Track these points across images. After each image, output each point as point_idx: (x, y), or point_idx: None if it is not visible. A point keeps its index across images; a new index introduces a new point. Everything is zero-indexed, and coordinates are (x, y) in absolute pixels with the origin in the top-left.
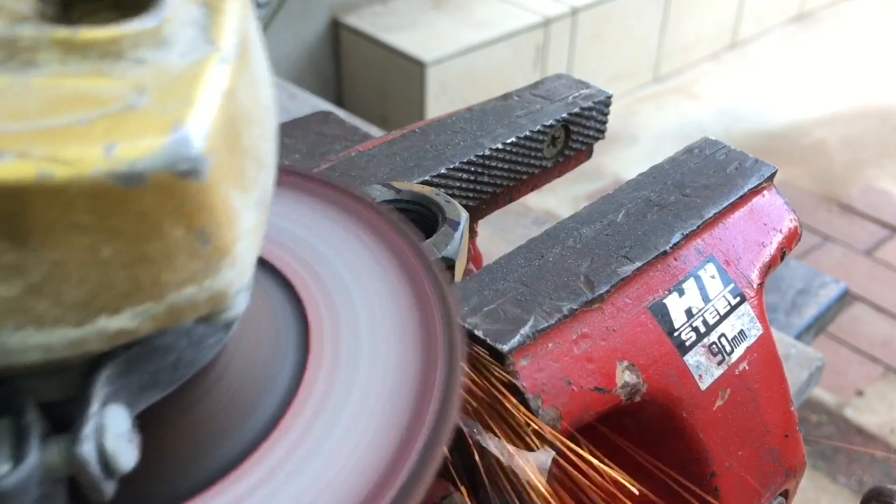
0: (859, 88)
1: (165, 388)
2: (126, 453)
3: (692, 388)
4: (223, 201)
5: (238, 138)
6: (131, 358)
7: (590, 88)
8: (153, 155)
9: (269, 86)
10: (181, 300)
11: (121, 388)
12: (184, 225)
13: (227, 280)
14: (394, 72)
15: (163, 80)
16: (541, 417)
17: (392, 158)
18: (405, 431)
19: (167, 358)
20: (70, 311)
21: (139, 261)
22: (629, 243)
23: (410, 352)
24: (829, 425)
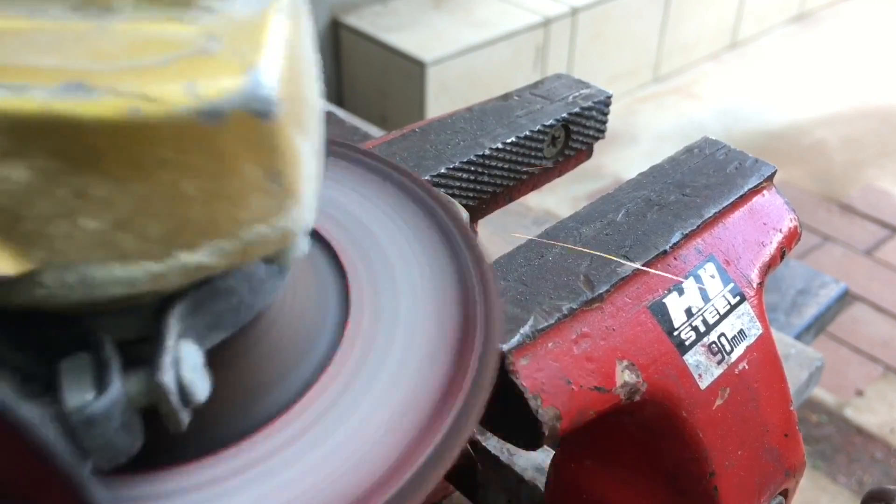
0: (859, 88)
1: (228, 329)
2: (201, 384)
3: (692, 388)
4: (291, 143)
5: (298, 85)
6: (198, 298)
7: (590, 88)
8: (231, 93)
9: (312, 40)
10: (254, 237)
11: (190, 327)
12: (258, 164)
13: (294, 220)
14: (394, 72)
15: (231, 27)
16: (540, 417)
17: (392, 158)
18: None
19: (230, 300)
20: (153, 245)
21: (217, 197)
22: (629, 243)
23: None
24: (829, 425)
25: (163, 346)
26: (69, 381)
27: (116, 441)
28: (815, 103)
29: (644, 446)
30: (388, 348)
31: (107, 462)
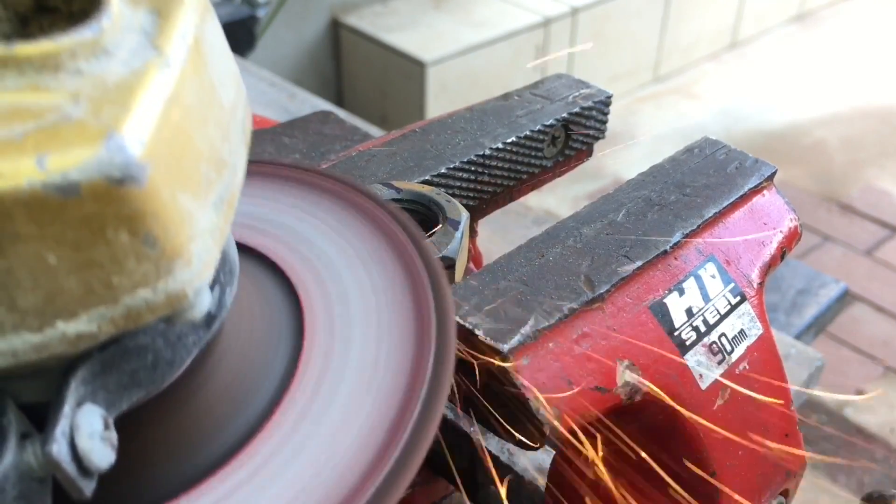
0: (859, 88)
1: (147, 386)
2: (100, 452)
3: (692, 388)
4: (170, 205)
5: (187, 142)
6: (106, 359)
7: (590, 88)
8: (86, 164)
9: (234, 85)
10: (137, 302)
11: (98, 388)
12: (127, 230)
13: (183, 280)
14: (394, 72)
15: (100, 90)
16: (541, 417)
17: (392, 158)
18: (391, 429)
19: (144, 358)
20: (27, 316)
21: (87, 266)
22: (629, 242)
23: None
24: (829, 425)
25: (57, 415)
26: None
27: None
28: (815, 103)
29: (645, 446)
30: (338, 385)
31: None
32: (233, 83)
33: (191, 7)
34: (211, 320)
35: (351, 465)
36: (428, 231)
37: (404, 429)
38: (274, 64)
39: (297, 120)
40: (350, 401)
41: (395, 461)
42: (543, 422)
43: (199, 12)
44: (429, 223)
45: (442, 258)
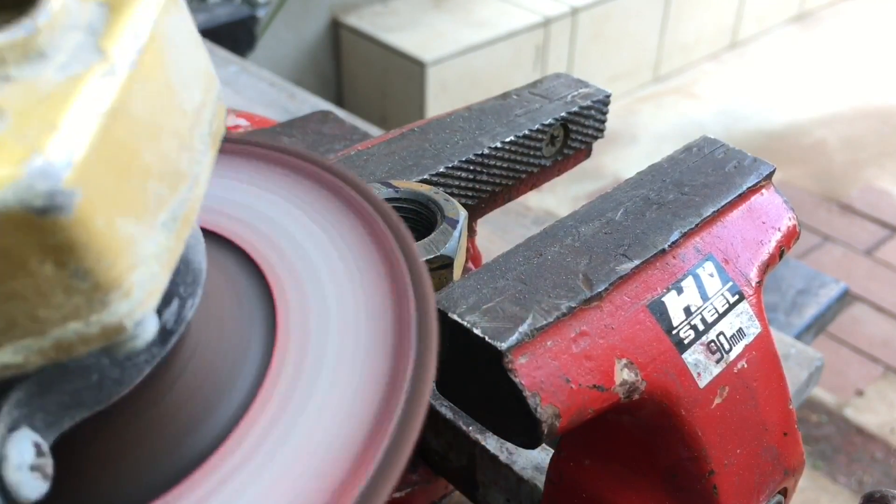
0: (859, 88)
1: (93, 406)
2: (28, 485)
3: (690, 386)
4: (104, 233)
5: (131, 159)
6: (43, 380)
7: (588, 87)
8: (2, 191)
9: (201, 84)
10: (67, 334)
11: (36, 410)
12: (52, 262)
13: (121, 313)
14: (394, 72)
15: (29, 101)
16: (539, 415)
17: (391, 157)
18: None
19: (88, 377)
20: None
21: (8, 298)
22: (628, 241)
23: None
24: (829, 425)
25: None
26: None
27: None
28: (815, 103)
29: (643, 445)
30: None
31: None
32: (201, 82)
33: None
34: (167, 336)
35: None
36: (426, 231)
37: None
38: (274, 64)
39: (297, 119)
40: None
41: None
42: (541, 420)
43: (160, 4)
44: (427, 222)
45: (440, 257)
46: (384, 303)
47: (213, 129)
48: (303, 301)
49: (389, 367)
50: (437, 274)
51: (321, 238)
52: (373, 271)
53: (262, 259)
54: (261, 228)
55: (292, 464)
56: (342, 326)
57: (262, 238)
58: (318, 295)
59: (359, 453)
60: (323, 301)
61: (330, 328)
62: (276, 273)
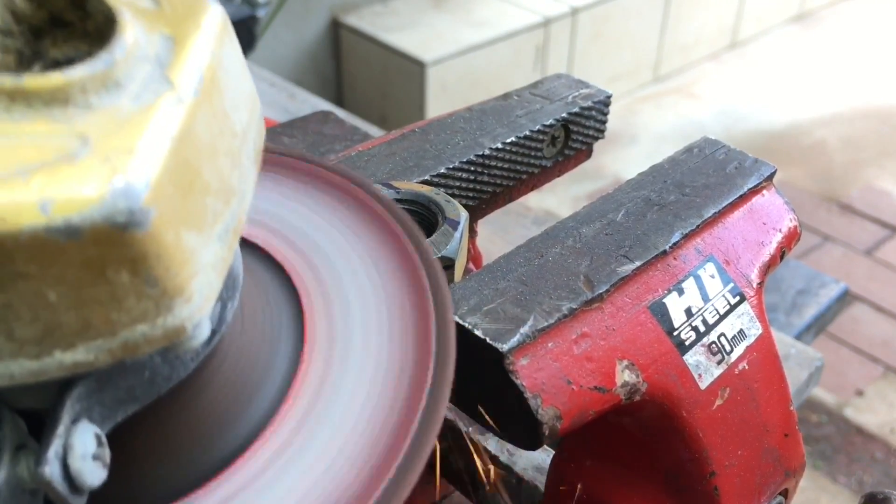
0: (859, 88)
1: (145, 400)
2: (91, 472)
3: (692, 388)
4: (173, 245)
5: (195, 177)
6: (103, 377)
7: (589, 88)
8: (90, 209)
9: (247, 105)
10: (135, 336)
11: (94, 404)
12: (129, 271)
13: (183, 316)
14: (394, 72)
15: (108, 127)
16: (540, 417)
17: (392, 158)
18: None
19: (141, 374)
20: (25, 346)
21: (86, 303)
22: (629, 243)
23: (401, 346)
24: (829, 425)
25: (51, 435)
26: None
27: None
28: (815, 103)
29: (644, 446)
30: (341, 383)
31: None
32: (247, 104)
33: (208, 31)
34: (210, 336)
35: (359, 464)
36: (428, 232)
37: (411, 424)
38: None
39: (297, 120)
40: (353, 399)
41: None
42: (542, 421)
43: (216, 36)
44: (428, 223)
45: (441, 258)
46: (405, 309)
47: (256, 146)
48: (328, 307)
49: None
50: None
51: (345, 247)
52: (394, 277)
53: (289, 265)
54: (289, 237)
55: (324, 454)
56: (366, 329)
57: (290, 246)
58: (343, 301)
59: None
60: (347, 307)
61: (354, 331)
62: (303, 280)
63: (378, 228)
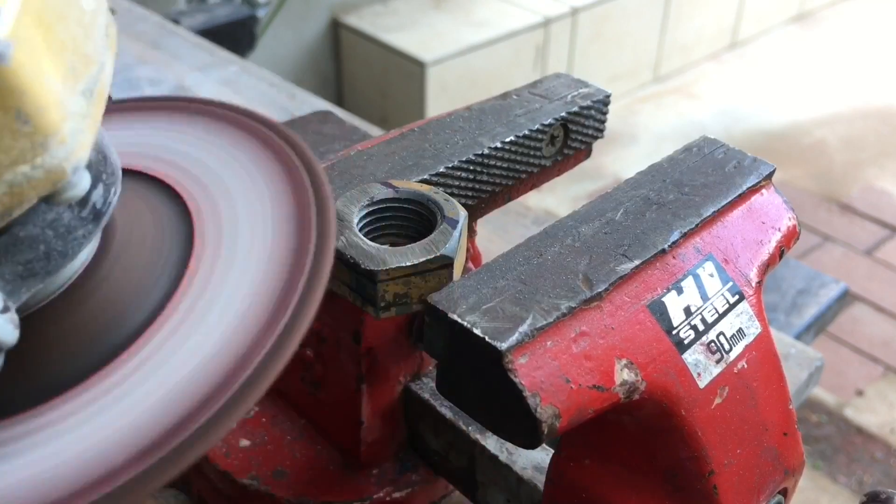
0: (859, 88)
1: (44, 277)
2: (3, 328)
3: (690, 387)
4: (38, 85)
5: (50, 31)
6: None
7: (588, 87)
8: None
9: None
10: (18, 178)
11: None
12: (1, 107)
13: (59, 157)
14: (394, 72)
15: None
16: (539, 415)
17: (391, 157)
18: (274, 306)
19: (36, 248)
20: None
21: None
22: (628, 241)
23: (283, 241)
24: (829, 425)
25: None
26: None
27: None
28: (815, 103)
29: (643, 445)
30: (225, 278)
31: None
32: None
33: None
34: (98, 215)
35: (241, 332)
36: (426, 231)
37: (291, 300)
38: (274, 64)
39: (297, 120)
40: (236, 292)
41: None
42: (541, 420)
43: None
44: (427, 222)
45: (440, 257)
46: (288, 208)
47: (108, 31)
48: (216, 213)
49: (293, 254)
50: (436, 274)
51: (233, 165)
52: (277, 187)
53: (174, 182)
54: (180, 163)
55: (218, 324)
56: (251, 229)
57: (181, 170)
58: (230, 207)
59: (273, 308)
60: (233, 212)
61: (240, 230)
62: (192, 194)
63: (260, 146)
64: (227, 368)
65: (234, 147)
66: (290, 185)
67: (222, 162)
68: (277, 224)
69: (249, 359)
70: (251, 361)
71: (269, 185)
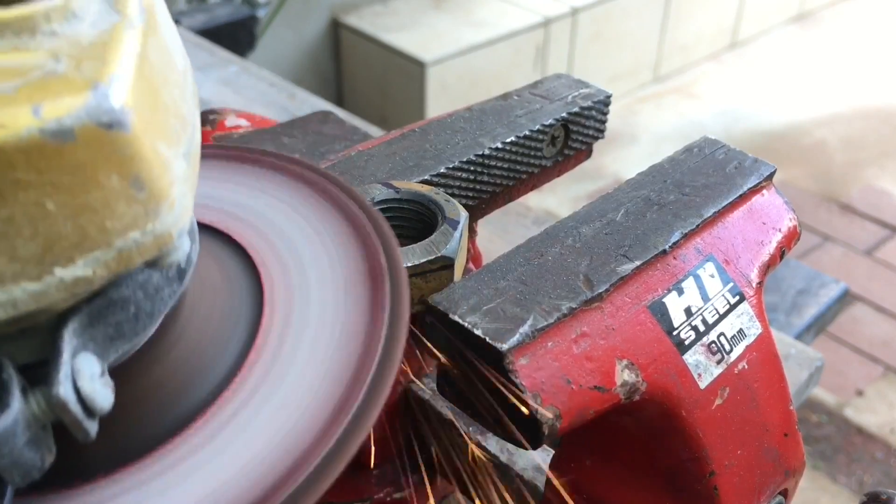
0: (859, 88)
1: (131, 338)
2: (102, 393)
3: (691, 387)
4: (152, 150)
5: (157, 95)
6: (93, 312)
7: (589, 88)
8: (77, 110)
9: (182, 53)
10: (128, 244)
11: (88, 340)
12: (117, 173)
13: (169, 222)
14: (394, 72)
15: (77, 48)
16: (540, 416)
17: (392, 158)
18: (349, 382)
19: (127, 310)
20: (27, 265)
21: (82, 211)
22: (628, 242)
23: (356, 309)
24: (829, 425)
25: (58, 361)
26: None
27: (25, 458)
28: (815, 103)
29: (644, 446)
30: (297, 347)
31: (19, 479)
32: (181, 51)
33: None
34: (182, 274)
35: (312, 419)
36: (427, 231)
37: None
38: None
39: (297, 120)
40: (309, 362)
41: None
42: (542, 421)
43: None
44: (427, 223)
45: (441, 258)
46: (361, 282)
47: (194, 91)
48: (287, 280)
49: (364, 338)
50: (437, 275)
51: (305, 228)
52: (350, 256)
53: (250, 246)
54: (252, 222)
55: (287, 404)
56: (322, 298)
57: (253, 230)
58: (301, 275)
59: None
60: (305, 280)
61: (311, 299)
62: (262, 257)
63: (332, 206)
64: (307, 442)
65: (301, 203)
66: (361, 250)
67: (289, 219)
68: (349, 292)
69: (329, 433)
70: (331, 435)
71: (338, 249)
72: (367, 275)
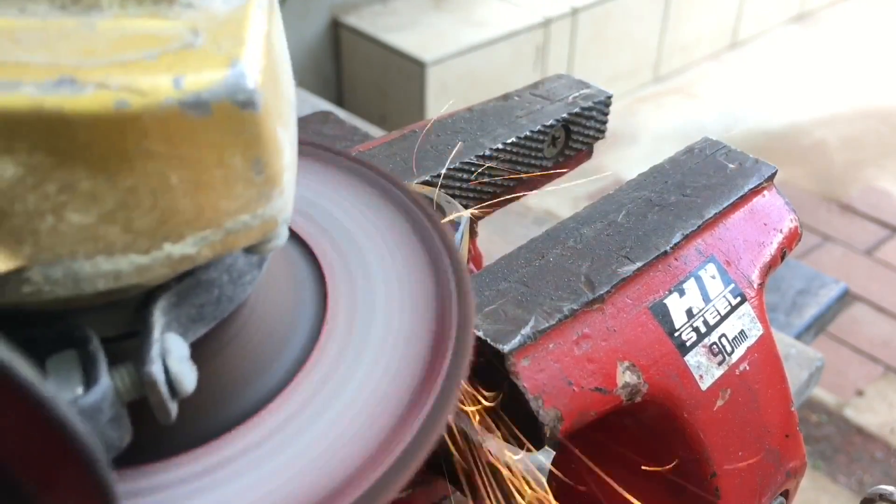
0: (859, 88)
1: (209, 322)
2: (189, 375)
3: (693, 389)
4: (273, 133)
5: (278, 78)
6: (182, 291)
7: (590, 88)
8: (216, 85)
9: (282, 36)
10: (237, 227)
11: (173, 320)
12: (242, 154)
13: (277, 208)
14: (394, 72)
15: (213, 22)
16: (541, 418)
17: (392, 158)
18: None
19: (211, 292)
20: (139, 237)
21: (203, 188)
22: (630, 243)
23: (423, 315)
24: (829, 425)
25: (150, 338)
26: (57, 377)
27: (107, 435)
28: (815, 103)
29: (645, 447)
30: (365, 341)
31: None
32: (283, 37)
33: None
34: (262, 261)
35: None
36: None
37: (426, 398)
38: None
39: (297, 120)
40: (373, 366)
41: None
42: (544, 423)
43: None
44: None
45: None
46: (426, 289)
47: (293, 86)
48: (351, 282)
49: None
50: None
51: (371, 231)
52: (415, 261)
53: (316, 245)
54: (319, 221)
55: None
56: (387, 301)
57: (319, 230)
58: (366, 277)
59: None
60: (369, 282)
61: (377, 302)
62: (327, 258)
63: (401, 217)
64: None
65: (371, 209)
66: (430, 265)
67: (356, 222)
68: (415, 297)
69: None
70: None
71: (406, 260)
72: (434, 295)
